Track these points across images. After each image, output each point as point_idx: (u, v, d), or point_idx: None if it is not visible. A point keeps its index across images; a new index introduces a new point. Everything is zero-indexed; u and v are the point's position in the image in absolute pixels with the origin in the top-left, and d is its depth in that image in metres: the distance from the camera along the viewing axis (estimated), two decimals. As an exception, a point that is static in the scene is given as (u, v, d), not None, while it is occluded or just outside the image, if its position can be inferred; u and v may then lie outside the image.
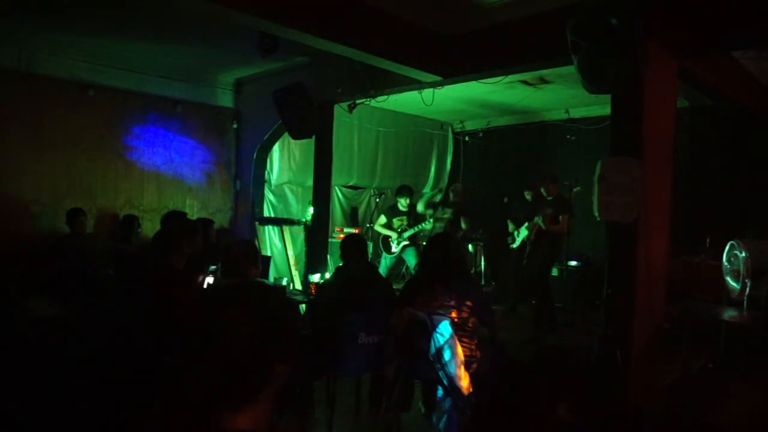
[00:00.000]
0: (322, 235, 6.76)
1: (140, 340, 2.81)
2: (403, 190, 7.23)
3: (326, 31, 4.50)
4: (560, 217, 6.03)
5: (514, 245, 6.85)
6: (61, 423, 2.88)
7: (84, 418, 2.77)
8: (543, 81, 6.51)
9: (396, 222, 7.23)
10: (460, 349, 3.15)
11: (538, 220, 6.26)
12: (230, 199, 8.01)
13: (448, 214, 7.18)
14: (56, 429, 2.88)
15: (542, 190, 6.29)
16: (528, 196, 6.94)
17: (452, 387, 3.09)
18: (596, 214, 3.87)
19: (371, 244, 7.15)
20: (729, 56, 5.14)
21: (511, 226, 6.97)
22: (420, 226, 7.09)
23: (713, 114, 6.50)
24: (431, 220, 7.11)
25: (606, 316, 4.01)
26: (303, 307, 4.80)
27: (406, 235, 7.14)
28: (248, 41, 5.32)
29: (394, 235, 7.19)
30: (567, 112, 8.02)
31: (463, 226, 7.21)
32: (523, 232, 6.62)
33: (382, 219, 7.34)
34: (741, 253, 4.40)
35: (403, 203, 7.19)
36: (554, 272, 6.54)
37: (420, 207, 7.28)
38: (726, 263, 4.66)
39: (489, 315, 3.59)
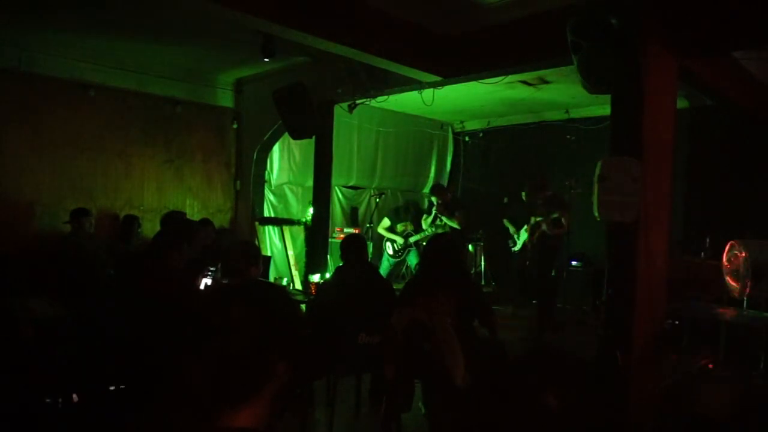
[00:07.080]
0: (322, 235, 6.76)
1: (140, 340, 2.81)
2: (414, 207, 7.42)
3: (326, 31, 4.50)
4: (563, 219, 6.04)
5: (516, 248, 6.82)
6: (62, 423, 2.88)
7: (84, 418, 2.77)
8: (543, 81, 6.50)
9: (400, 227, 7.23)
10: (459, 349, 3.15)
11: (539, 221, 6.23)
12: (230, 199, 8.01)
13: (454, 223, 7.07)
14: (57, 429, 2.88)
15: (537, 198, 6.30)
16: (524, 197, 6.88)
17: (451, 386, 3.09)
18: (596, 214, 3.87)
19: (371, 244, 7.15)
20: (729, 56, 5.13)
21: (511, 229, 6.94)
22: (425, 232, 7.07)
23: (713, 114, 6.50)
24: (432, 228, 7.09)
25: (606, 316, 4.01)
26: (303, 307, 4.80)
27: (413, 240, 7.13)
28: (248, 41, 5.32)
29: (399, 239, 7.19)
30: (567, 112, 8.00)
31: (457, 225, 7.04)
32: (524, 235, 6.60)
33: (386, 222, 7.34)
34: (741, 253, 4.40)
35: (410, 211, 7.25)
36: (553, 272, 6.54)
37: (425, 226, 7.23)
38: (726, 263, 4.66)
39: (489, 315, 3.59)
